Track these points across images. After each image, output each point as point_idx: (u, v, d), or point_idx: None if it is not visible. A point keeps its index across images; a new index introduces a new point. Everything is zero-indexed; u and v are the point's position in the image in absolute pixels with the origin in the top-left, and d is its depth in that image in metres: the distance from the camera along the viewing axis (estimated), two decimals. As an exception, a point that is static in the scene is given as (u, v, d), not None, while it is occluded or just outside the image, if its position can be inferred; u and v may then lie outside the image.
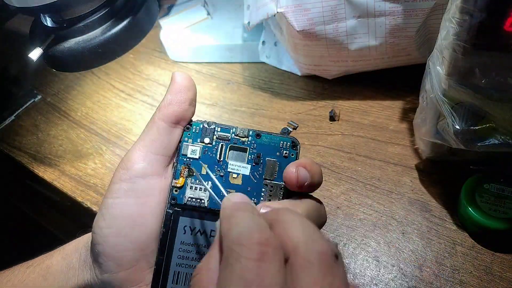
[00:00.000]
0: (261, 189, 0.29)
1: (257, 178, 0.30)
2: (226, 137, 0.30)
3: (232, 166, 0.29)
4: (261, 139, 0.30)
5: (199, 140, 0.29)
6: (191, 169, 0.29)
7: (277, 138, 0.30)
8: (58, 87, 0.60)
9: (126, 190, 0.28)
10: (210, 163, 0.29)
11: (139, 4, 0.41)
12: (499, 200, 0.35)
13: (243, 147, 0.30)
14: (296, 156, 0.30)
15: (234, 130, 0.30)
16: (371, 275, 0.34)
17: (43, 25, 0.41)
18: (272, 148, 0.30)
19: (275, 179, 0.29)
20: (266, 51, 0.54)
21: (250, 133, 0.30)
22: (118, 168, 0.29)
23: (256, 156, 0.30)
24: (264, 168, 0.30)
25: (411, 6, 0.40)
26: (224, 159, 0.29)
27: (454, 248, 0.35)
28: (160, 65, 0.60)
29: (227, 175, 0.29)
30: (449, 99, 0.32)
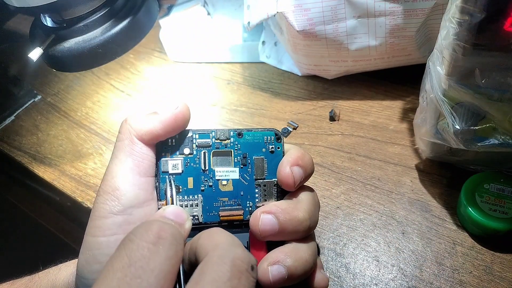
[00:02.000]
0: (254, 191, 0.28)
1: (248, 180, 0.28)
2: (207, 144, 0.27)
3: (219, 173, 0.28)
4: (244, 138, 0.28)
5: (178, 152, 0.27)
6: (177, 186, 0.27)
7: (259, 133, 0.28)
8: (58, 87, 0.60)
9: (121, 225, 0.24)
10: (195, 174, 0.27)
11: (139, 4, 0.41)
12: (499, 200, 0.35)
13: (226, 151, 0.28)
14: (282, 148, 0.29)
15: (214, 134, 0.28)
16: (371, 275, 0.34)
17: (43, 25, 0.41)
18: (257, 145, 0.28)
19: (266, 177, 0.28)
20: (266, 51, 0.54)
21: (231, 133, 0.28)
22: (103, 200, 0.24)
23: (243, 157, 0.28)
24: (253, 168, 0.28)
25: (411, 6, 0.40)
26: (209, 167, 0.27)
27: (454, 248, 0.35)
28: (160, 65, 0.60)
29: (216, 183, 0.27)
30: (449, 99, 0.32)
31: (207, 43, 0.56)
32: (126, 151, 0.25)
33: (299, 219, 0.26)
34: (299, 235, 0.26)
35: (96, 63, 0.41)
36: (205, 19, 0.59)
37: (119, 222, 0.24)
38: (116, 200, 0.24)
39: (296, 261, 0.25)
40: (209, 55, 0.58)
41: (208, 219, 0.27)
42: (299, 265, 0.25)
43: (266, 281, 0.24)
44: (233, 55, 0.57)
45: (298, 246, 0.26)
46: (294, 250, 0.25)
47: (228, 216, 0.27)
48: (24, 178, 0.57)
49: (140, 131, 0.25)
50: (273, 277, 0.24)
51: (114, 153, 0.25)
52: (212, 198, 0.27)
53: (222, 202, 0.27)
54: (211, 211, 0.27)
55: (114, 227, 0.24)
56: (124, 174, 0.25)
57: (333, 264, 0.35)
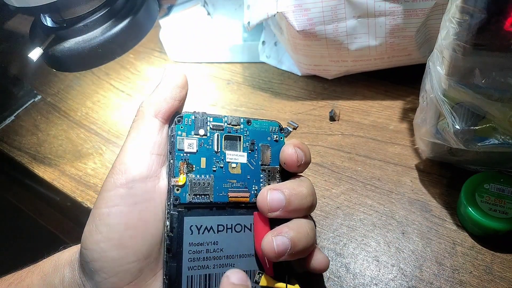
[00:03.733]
0: (260, 175, 0.29)
1: (254, 165, 0.29)
2: (220, 127, 0.29)
3: (229, 156, 0.29)
4: (252, 125, 0.30)
5: (193, 132, 0.28)
6: (191, 164, 0.27)
7: (265, 123, 0.30)
8: (58, 87, 0.60)
9: (123, 197, 0.25)
10: (208, 155, 0.28)
11: (139, 4, 0.41)
12: (499, 200, 0.35)
13: (236, 136, 0.29)
14: (284, 138, 0.31)
15: (226, 119, 0.29)
16: (371, 275, 0.34)
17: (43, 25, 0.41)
18: (263, 134, 0.30)
19: (270, 164, 0.30)
20: (266, 51, 0.54)
21: (241, 120, 0.29)
22: (110, 174, 0.26)
23: (251, 143, 0.30)
24: (259, 154, 0.30)
25: (411, 6, 0.40)
26: (221, 149, 0.29)
27: (454, 248, 0.35)
28: (160, 65, 0.60)
29: (226, 165, 0.29)
30: (449, 99, 0.32)
31: (207, 43, 0.56)
32: (136, 128, 0.27)
33: (303, 194, 0.28)
34: (302, 212, 0.28)
35: (96, 63, 0.41)
36: (205, 19, 0.59)
37: (122, 194, 0.25)
38: (121, 174, 0.25)
39: (299, 233, 0.26)
40: (209, 55, 0.58)
41: (218, 199, 0.28)
42: (302, 237, 0.26)
43: (271, 252, 0.25)
44: (233, 55, 0.57)
45: (300, 221, 0.28)
46: (296, 224, 0.27)
47: (236, 197, 0.28)
48: (24, 178, 0.57)
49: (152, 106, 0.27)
50: (277, 247, 0.25)
51: (128, 131, 0.27)
52: (222, 179, 0.28)
53: (231, 184, 0.28)
54: (221, 192, 0.28)
55: (116, 199, 0.25)
56: (131, 149, 0.26)
57: (333, 264, 0.35)
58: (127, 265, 0.25)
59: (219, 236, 0.27)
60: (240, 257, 0.27)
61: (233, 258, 0.27)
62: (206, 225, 0.27)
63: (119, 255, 0.25)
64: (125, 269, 0.25)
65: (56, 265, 0.28)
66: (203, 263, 0.26)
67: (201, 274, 0.26)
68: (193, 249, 0.26)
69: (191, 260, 0.26)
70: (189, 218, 0.27)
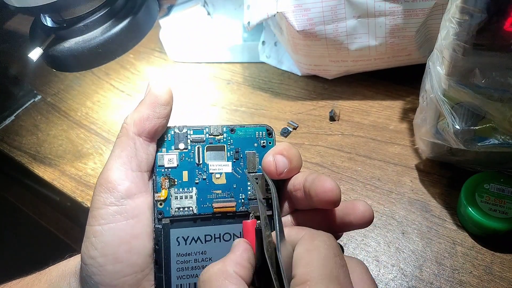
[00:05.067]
0: (247, 183, 0.29)
1: (241, 174, 0.29)
2: (201, 139, 0.29)
3: (213, 167, 0.29)
4: (236, 133, 0.29)
5: (173, 147, 0.28)
6: (172, 179, 0.28)
7: (251, 129, 0.30)
8: (58, 87, 0.60)
9: (114, 214, 0.26)
10: (190, 168, 0.28)
11: (139, 4, 0.41)
12: (499, 200, 0.35)
13: (220, 146, 0.29)
14: (273, 143, 0.30)
15: (208, 130, 0.29)
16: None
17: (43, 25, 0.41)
18: (249, 140, 0.29)
19: (258, 170, 0.29)
20: (266, 51, 0.54)
21: (224, 129, 0.29)
22: (98, 192, 0.26)
23: (235, 152, 0.29)
24: (245, 162, 0.29)
25: (411, 6, 0.40)
26: (203, 161, 0.29)
27: (454, 248, 0.35)
28: (160, 65, 0.60)
29: (209, 176, 0.29)
30: (449, 99, 0.32)
31: (207, 43, 0.56)
32: (120, 146, 0.27)
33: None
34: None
35: (96, 63, 0.41)
36: (205, 19, 0.59)
37: (112, 212, 0.26)
38: (109, 192, 0.26)
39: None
40: (209, 55, 0.58)
41: (202, 210, 0.28)
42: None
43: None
44: (233, 55, 0.57)
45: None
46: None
47: (221, 207, 0.28)
48: (24, 178, 0.57)
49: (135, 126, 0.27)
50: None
51: (112, 148, 0.27)
52: (206, 190, 0.28)
53: (216, 195, 0.28)
54: (205, 203, 0.28)
55: (107, 217, 0.26)
56: (116, 168, 0.26)
57: (333, 264, 0.35)
58: (124, 278, 0.26)
59: (207, 245, 0.28)
60: None
61: None
62: (193, 236, 0.28)
63: (116, 269, 0.26)
64: (123, 282, 0.26)
65: (63, 274, 0.29)
66: (192, 272, 0.27)
67: (190, 282, 0.27)
68: (181, 259, 0.27)
69: (180, 269, 0.27)
70: (175, 230, 0.27)
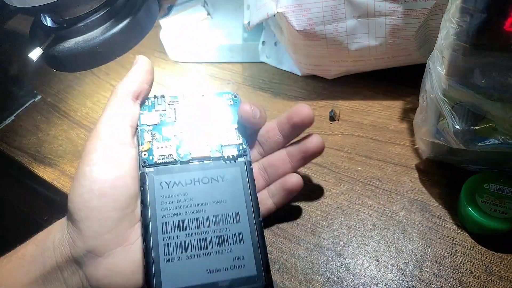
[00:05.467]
0: (219, 133, 0.34)
1: (213, 126, 0.34)
2: (176, 101, 0.35)
3: (189, 122, 0.34)
4: (207, 97, 0.35)
5: (154, 109, 0.34)
6: (154, 133, 0.33)
7: (219, 93, 0.36)
8: (58, 87, 0.60)
9: (103, 157, 0.30)
10: (168, 124, 0.34)
11: (139, 4, 0.41)
12: (499, 200, 0.35)
13: (193, 107, 0.35)
14: (239, 102, 0.35)
15: (183, 95, 0.35)
16: (371, 275, 0.34)
17: (43, 25, 0.41)
18: (217, 101, 0.35)
19: (227, 123, 0.34)
20: (266, 51, 0.54)
21: (196, 95, 0.35)
22: (90, 140, 0.31)
23: (206, 109, 0.35)
24: (216, 115, 0.35)
25: (411, 6, 0.40)
26: (179, 119, 0.34)
27: (454, 248, 0.35)
28: (160, 65, 0.60)
29: (186, 130, 0.34)
30: (449, 99, 0.32)
31: (207, 43, 0.56)
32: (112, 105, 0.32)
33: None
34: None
35: (96, 63, 0.41)
36: (205, 19, 0.59)
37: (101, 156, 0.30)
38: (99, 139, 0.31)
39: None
40: (209, 55, 0.58)
41: (182, 157, 0.32)
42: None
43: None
44: (233, 55, 0.57)
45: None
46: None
47: (199, 154, 0.33)
48: (24, 178, 0.57)
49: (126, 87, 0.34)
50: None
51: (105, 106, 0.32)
52: (184, 141, 0.33)
53: (192, 144, 0.33)
54: (184, 151, 0.33)
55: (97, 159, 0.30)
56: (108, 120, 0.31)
57: (333, 264, 0.35)
58: (107, 212, 0.29)
59: (187, 188, 0.31)
60: (210, 204, 0.31)
61: (204, 205, 0.31)
62: (174, 181, 0.31)
63: (101, 203, 0.29)
64: (106, 217, 0.29)
65: (48, 231, 0.32)
66: (175, 211, 0.30)
67: (174, 220, 0.30)
68: (165, 200, 0.30)
69: (164, 209, 0.30)
70: (158, 176, 0.31)
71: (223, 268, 0.29)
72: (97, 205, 0.29)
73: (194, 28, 0.58)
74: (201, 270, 0.29)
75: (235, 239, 0.30)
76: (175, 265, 0.28)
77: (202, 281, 0.28)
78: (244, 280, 0.28)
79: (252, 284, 0.29)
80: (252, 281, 0.29)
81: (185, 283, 0.28)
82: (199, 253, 0.29)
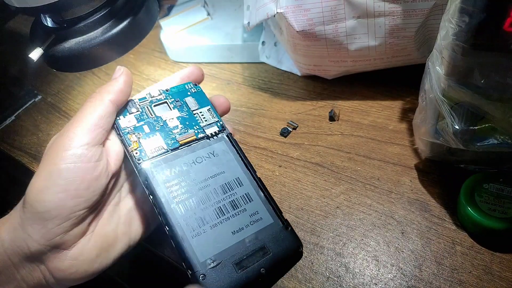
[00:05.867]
0: (195, 118, 0.37)
1: (188, 113, 0.37)
2: (146, 101, 0.37)
3: (165, 116, 0.36)
4: (171, 91, 0.38)
5: (128, 113, 0.36)
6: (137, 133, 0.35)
7: (181, 85, 0.39)
8: (59, 87, 0.60)
9: (79, 156, 0.30)
10: (147, 122, 0.36)
11: (139, 4, 0.41)
12: (498, 200, 0.35)
13: (163, 101, 0.37)
14: (200, 89, 0.39)
15: (149, 95, 0.37)
16: (371, 275, 0.34)
17: (43, 25, 0.41)
18: (183, 92, 0.38)
19: (199, 107, 0.38)
20: (266, 51, 0.54)
21: (161, 91, 0.38)
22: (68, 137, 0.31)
23: (176, 101, 0.37)
24: (186, 104, 0.38)
25: (411, 7, 0.40)
26: (155, 115, 0.36)
27: (453, 248, 0.35)
28: (160, 65, 0.60)
29: (165, 123, 0.36)
30: (448, 99, 0.32)
31: (207, 43, 0.57)
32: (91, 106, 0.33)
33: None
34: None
35: (96, 63, 0.41)
36: (205, 20, 0.59)
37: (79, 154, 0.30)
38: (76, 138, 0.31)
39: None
40: (209, 55, 0.58)
41: (171, 146, 0.35)
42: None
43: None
44: (233, 55, 0.57)
45: None
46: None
47: (184, 139, 0.35)
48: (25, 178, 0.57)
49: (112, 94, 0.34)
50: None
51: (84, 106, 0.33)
52: (167, 132, 0.35)
53: (176, 133, 0.36)
54: (171, 140, 0.35)
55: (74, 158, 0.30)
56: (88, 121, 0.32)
57: (332, 264, 0.35)
58: (79, 212, 0.30)
59: (186, 170, 0.34)
60: (211, 178, 0.34)
61: (207, 181, 0.34)
62: (172, 168, 0.34)
63: (74, 203, 0.30)
64: (77, 215, 0.30)
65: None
66: (184, 192, 0.33)
67: (185, 200, 0.32)
68: (171, 186, 0.32)
69: (173, 194, 0.32)
70: (157, 168, 0.33)
71: (245, 225, 0.32)
72: (71, 205, 0.30)
73: (194, 28, 0.58)
74: (226, 233, 0.32)
75: (245, 199, 0.33)
76: (202, 237, 0.31)
77: (231, 243, 0.31)
78: (265, 229, 0.32)
79: (273, 230, 0.32)
80: (272, 227, 0.32)
81: (218, 249, 0.31)
82: (219, 221, 0.32)
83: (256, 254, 0.31)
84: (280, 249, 0.32)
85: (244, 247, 0.31)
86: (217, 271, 0.30)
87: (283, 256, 0.32)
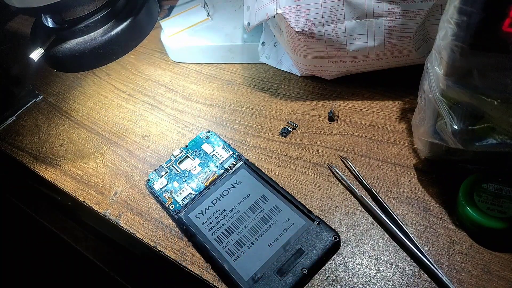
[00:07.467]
0: (213, 160, 0.43)
1: (206, 157, 0.44)
2: (171, 162, 0.44)
3: (189, 167, 0.43)
4: (188, 145, 0.45)
5: (159, 177, 0.43)
6: (170, 190, 0.41)
7: (196, 137, 0.46)
8: (59, 87, 0.60)
9: None
10: (177, 178, 0.42)
11: (139, 5, 0.42)
12: (497, 200, 0.35)
13: (184, 157, 0.44)
14: (213, 133, 0.46)
15: (172, 155, 0.45)
16: (370, 274, 0.35)
17: (44, 25, 0.42)
18: (198, 142, 0.46)
19: (214, 149, 0.44)
20: (265, 51, 0.54)
21: (181, 149, 0.45)
22: None
23: (194, 151, 0.44)
24: (204, 151, 0.44)
25: (410, 7, 0.40)
26: (180, 170, 0.43)
27: (452, 247, 0.35)
28: (161, 65, 0.60)
29: (190, 173, 0.43)
30: (447, 99, 0.32)
31: (207, 43, 0.57)
32: None
33: None
34: None
35: (97, 63, 0.42)
36: (205, 20, 0.59)
37: None
38: None
39: None
40: (209, 55, 0.58)
41: (198, 190, 0.41)
42: None
43: None
44: (233, 55, 0.57)
45: None
46: None
47: (208, 180, 0.42)
48: (25, 178, 0.58)
49: None
50: None
51: None
52: (193, 180, 0.42)
53: (200, 178, 0.42)
54: (197, 185, 0.41)
55: None
56: None
57: (332, 263, 0.36)
58: None
59: (217, 205, 0.39)
60: (239, 204, 0.38)
61: (235, 208, 0.38)
62: (204, 207, 0.39)
63: None
64: None
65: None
66: (218, 225, 0.37)
67: (222, 231, 0.37)
68: (206, 224, 0.37)
69: (210, 230, 0.37)
70: (191, 213, 0.39)
71: (279, 235, 0.35)
72: None
73: (194, 29, 0.58)
74: (264, 248, 0.34)
75: (273, 212, 0.36)
76: (243, 258, 0.34)
77: (270, 254, 0.34)
78: (299, 232, 0.35)
79: (306, 230, 0.35)
80: (304, 228, 0.35)
81: (259, 264, 0.34)
82: (255, 239, 0.35)
83: (293, 257, 0.34)
84: (315, 245, 0.34)
85: (282, 254, 0.34)
86: (262, 283, 0.33)
87: (319, 252, 0.34)
